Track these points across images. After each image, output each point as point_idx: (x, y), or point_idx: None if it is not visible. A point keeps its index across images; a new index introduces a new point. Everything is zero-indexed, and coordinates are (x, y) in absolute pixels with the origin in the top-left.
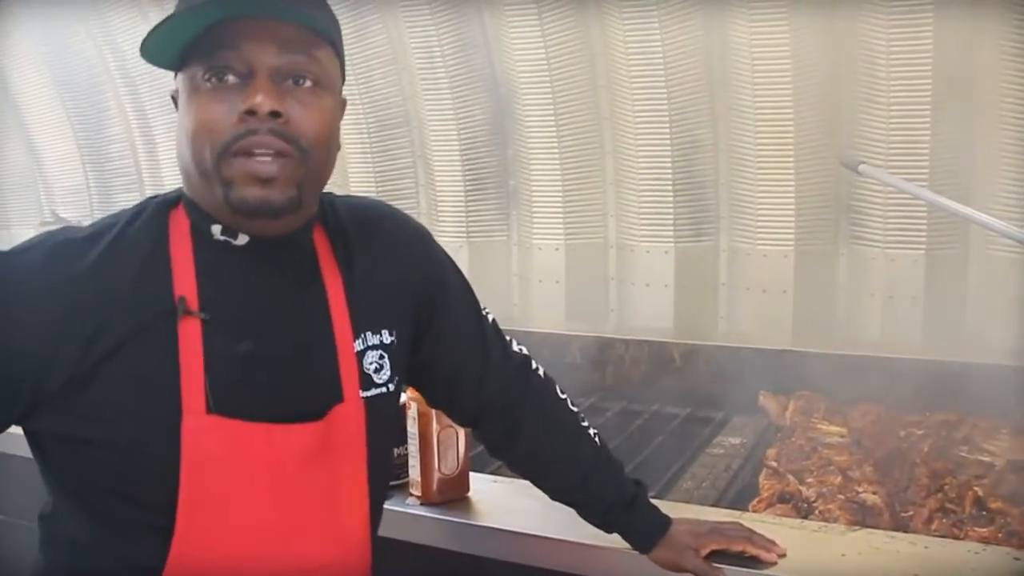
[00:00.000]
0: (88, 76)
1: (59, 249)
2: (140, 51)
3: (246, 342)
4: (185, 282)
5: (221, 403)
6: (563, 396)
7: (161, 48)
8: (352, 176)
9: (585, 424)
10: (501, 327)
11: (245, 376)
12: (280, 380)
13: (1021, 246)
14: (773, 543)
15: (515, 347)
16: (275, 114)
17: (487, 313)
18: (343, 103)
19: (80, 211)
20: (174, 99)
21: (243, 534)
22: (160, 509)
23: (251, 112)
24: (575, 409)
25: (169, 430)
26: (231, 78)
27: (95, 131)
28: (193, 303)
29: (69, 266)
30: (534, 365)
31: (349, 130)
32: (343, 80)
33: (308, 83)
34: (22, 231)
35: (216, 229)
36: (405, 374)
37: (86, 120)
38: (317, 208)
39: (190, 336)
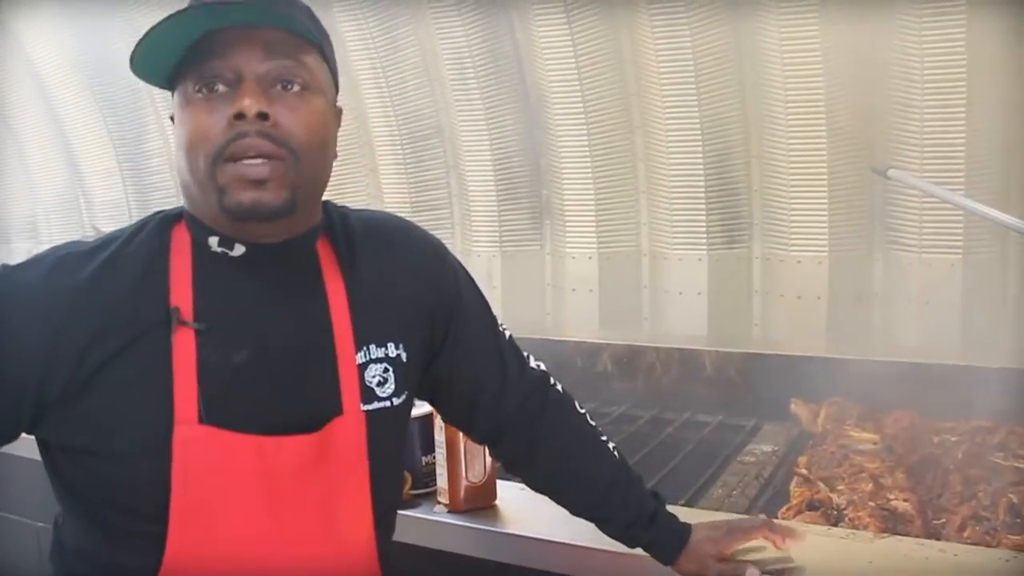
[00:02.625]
0: (127, 92)
1: (61, 261)
2: (131, 68)
3: (241, 352)
4: (181, 293)
5: (213, 414)
6: (582, 411)
7: (150, 69)
8: (386, 187)
9: (604, 439)
10: (534, 336)
11: (239, 387)
12: (276, 391)
13: None
14: (791, 530)
15: (532, 363)
16: (263, 116)
17: (503, 328)
18: (338, 111)
19: (120, 225)
20: (173, 119)
21: (234, 544)
22: (153, 518)
23: (239, 116)
24: (594, 424)
25: (161, 440)
26: (220, 87)
27: (134, 146)
28: (188, 313)
29: (69, 277)
30: (552, 380)
31: (382, 141)
32: (336, 88)
33: (296, 87)
34: None
35: (213, 241)
36: (415, 388)
37: (125, 135)
38: (321, 218)
39: (184, 346)
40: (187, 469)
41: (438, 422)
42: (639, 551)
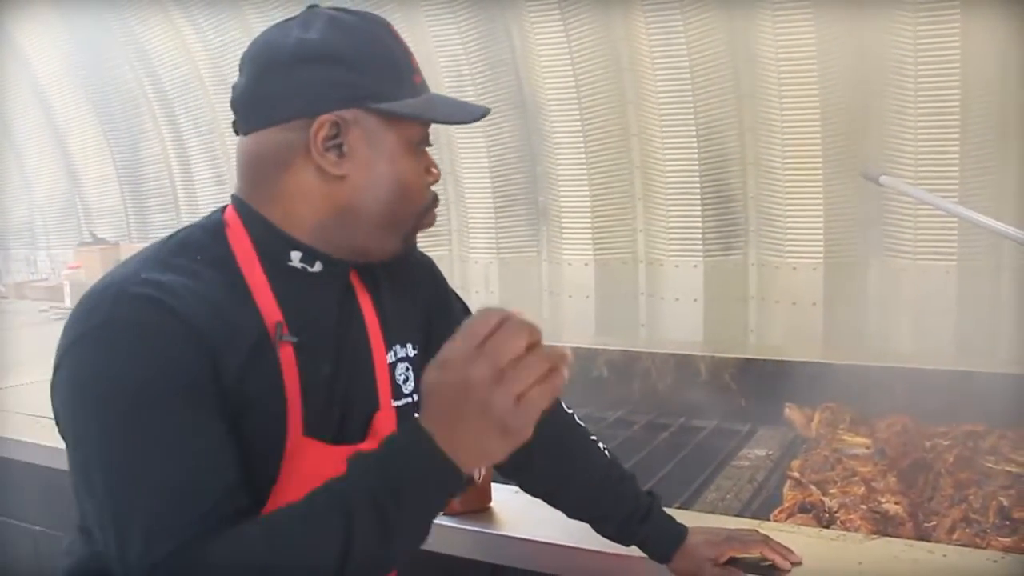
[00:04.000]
0: (125, 98)
1: (152, 297)
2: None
3: (326, 364)
4: (270, 307)
5: (312, 426)
6: (570, 411)
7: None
8: None
9: (594, 438)
10: None
11: (327, 398)
12: (346, 399)
13: None
14: (789, 550)
15: None
16: None
17: None
18: None
19: (117, 231)
20: (324, 124)
21: None
22: None
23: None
24: (583, 424)
25: (273, 452)
26: (422, 148)
27: (132, 152)
28: (286, 329)
29: (172, 313)
30: None
31: None
32: None
33: None
34: (61, 252)
35: (296, 255)
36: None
37: (123, 141)
38: None
39: (287, 361)
40: (289, 478)
41: None
42: (633, 552)
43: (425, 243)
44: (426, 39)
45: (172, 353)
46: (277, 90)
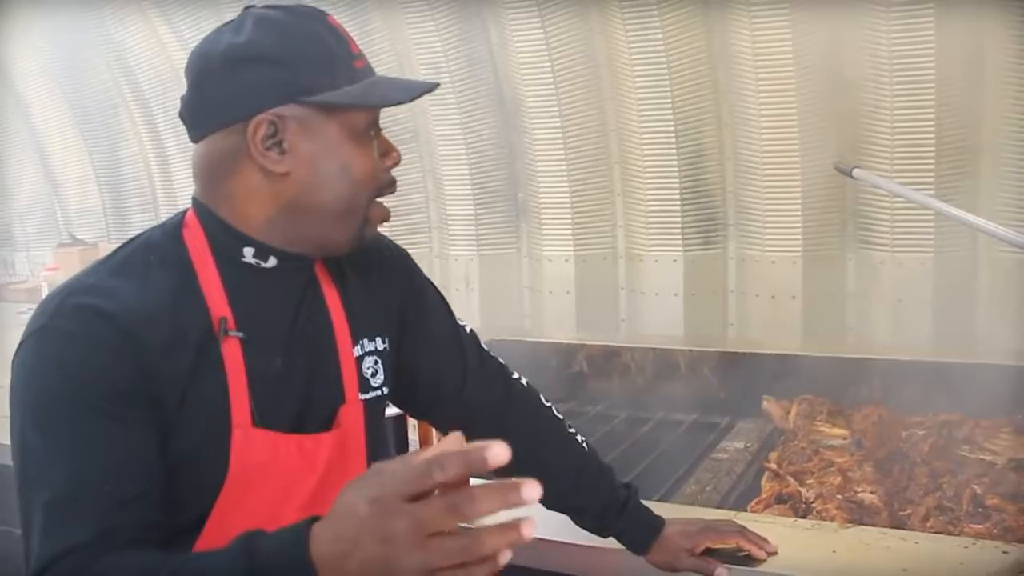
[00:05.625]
0: (102, 98)
1: (96, 301)
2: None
3: (278, 357)
4: (219, 303)
5: (264, 416)
6: (547, 404)
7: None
8: None
9: (572, 431)
10: (512, 338)
11: (280, 389)
12: (305, 391)
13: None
14: (765, 540)
15: (492, 357)
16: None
17: (464, 324)
18: None
19: (96, 232)
20: (261, 124)
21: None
22: (191, 523)
23: (391, 166)
24: (560, 416)
25: (220, 443)
26: (372, 133)
27: (110, 152)
28: (231, 323)
29: (116, 315)
30: (515, 375)
31: None
32: None
33: None
34: (39, 253)
35: (248, 252)
36: (394, 379)
37: (101, 142)
38: None
39: (232, 354)
40: (241, 470)
41: (412, 421)
42: (611, 544)
43: (405, 241)
44: (404, 37)
45: (97, 363)
46: (214, 96)
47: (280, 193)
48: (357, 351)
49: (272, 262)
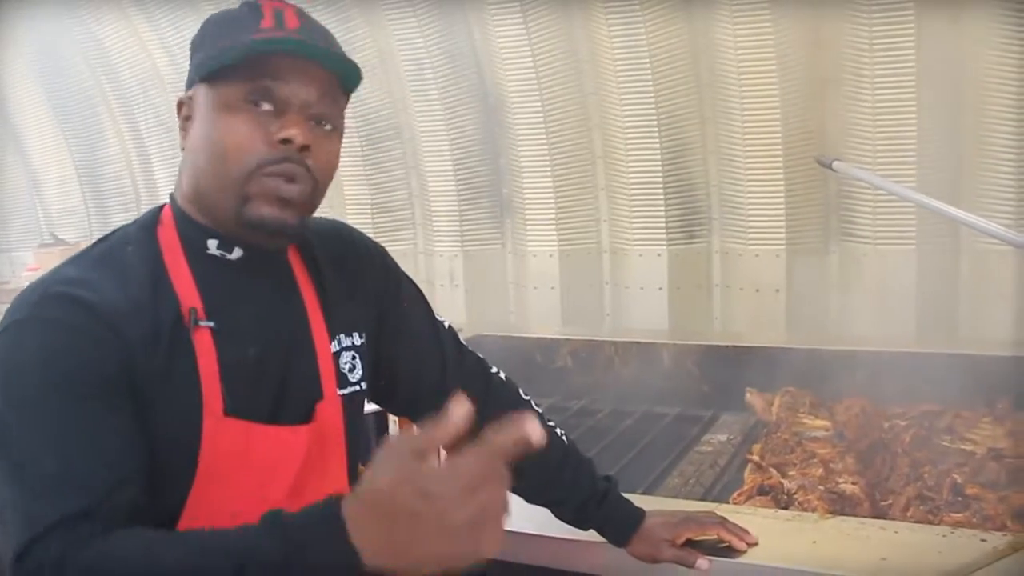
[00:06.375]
0: (83, 97)
1: (72, 297)
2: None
3: (253, 348)
4: (189, 294)
5: (236, 406)
6: (526, 397)
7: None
8: (346, 189)
9: (552, 424)
10: (498, 334)
11: (254, 380)
12: (277, 382)
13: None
14: (745, 531)
15: (471, 351)
16: (305, 148)
17: (443, 320)
18: None
19: (79, 232)
20: (181, 105)
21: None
22: (169, 510)
23: (286, 141)
24: (539, 409)
25: (192, 431)
26: (265, 105)
27: (91, 152)
28: (202, 314)
29: (90, 309)
30: (494, 369)
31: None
32: None
33: (329, 127)
34: (21, 254)
35: (212, 243)
36: (373, 375)
37: (82, 141)
38: None
39: (204, 344)
40: (213, 458)
41: (393, 417)
42: (592, 536)
43: (389, 237)
44: (387, 34)
45: (81, 351)
46: None
47: (185, 172)
48: (334, 346)
49: (237, 253)
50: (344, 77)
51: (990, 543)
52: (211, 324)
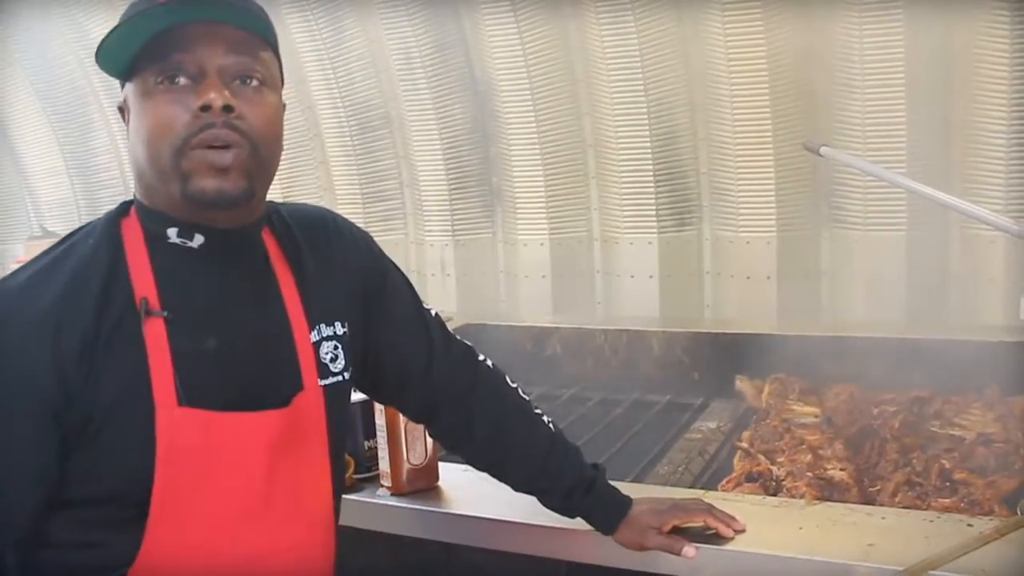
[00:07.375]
0: (71, 89)
1: (25, 287)
2: (96, 59)
3: (211, 338)
4: (144, 285)
5: (192, 396)
6: (514, 385)
7: (113, 57)
8: (336, 179)
9: (539, 411)
10: (489, 323)
11: (213, 371)
12: (245, 372)
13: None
14: (733, 518)
15: (458, 339)
16: (228, 109)
17: (430, 308)
18: (284, 105)
19: (68, 224)
20: (122, 110)
21: (214, 522)
22: (135, 505)
23: (205, 108)
24: (527, 397)
25: (145, 425)
26: (182, 80)
27: (80, 144)
28: (155, 304)
29: (40, 299)
30: (481, 356)
31: (331, 134)
32: (283, 83)
33: (255, 82)
34: (11, 247)
35: (172, 231)
36: (359, 364)
37: (71, 133)
38: (264, 211)
39: (155, 335)
40: (171, 450)
41: (378, 406)
42: (579, 524)
43: (380, 227)
44: (376, 23)
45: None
46: None
47: (134, 169)
48: (314, 336)
49: (199, 240)
50: (256, 28)
51: (976, 528)
52: (164, 314)
